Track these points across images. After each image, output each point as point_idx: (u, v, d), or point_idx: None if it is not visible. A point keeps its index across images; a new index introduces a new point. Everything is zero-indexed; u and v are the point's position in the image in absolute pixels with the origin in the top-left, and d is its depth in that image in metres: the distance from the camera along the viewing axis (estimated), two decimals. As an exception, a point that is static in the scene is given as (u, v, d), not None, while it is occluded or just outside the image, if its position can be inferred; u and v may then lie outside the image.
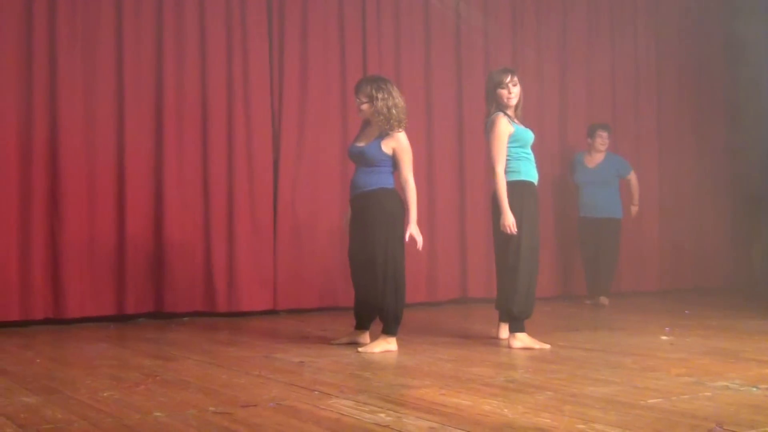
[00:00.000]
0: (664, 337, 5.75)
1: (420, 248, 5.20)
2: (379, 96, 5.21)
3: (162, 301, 7.08)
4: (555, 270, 8.96)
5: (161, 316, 7.10)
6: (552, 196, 8.90)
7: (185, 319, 7.17)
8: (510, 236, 5.30)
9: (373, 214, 5.19)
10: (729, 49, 10.10)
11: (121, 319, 6.96)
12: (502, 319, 5.68)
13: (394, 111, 5.20)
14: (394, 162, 5.26)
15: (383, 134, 5.25)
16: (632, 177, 8.62)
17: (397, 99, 5.24)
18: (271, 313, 7.53)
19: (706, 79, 10.12)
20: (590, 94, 9.37)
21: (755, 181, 9.90)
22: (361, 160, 5.28)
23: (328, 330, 6.33)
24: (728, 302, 8.34)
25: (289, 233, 7.58)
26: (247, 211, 7.42)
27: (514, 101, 5.45)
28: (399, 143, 5.24)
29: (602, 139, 8.50)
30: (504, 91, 5.42)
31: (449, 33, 8.52)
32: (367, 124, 5.43)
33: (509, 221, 5.27)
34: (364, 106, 5.29)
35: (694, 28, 10.06)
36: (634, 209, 8.71)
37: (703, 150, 9.95)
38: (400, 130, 5.25)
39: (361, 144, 5.34)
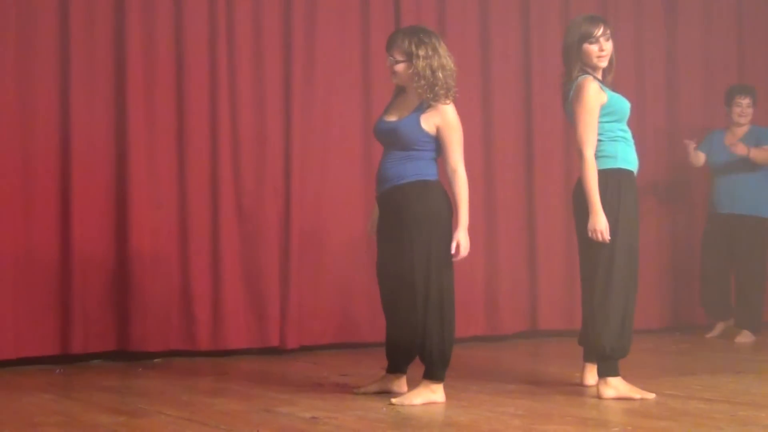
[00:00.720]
0: (812, 383, 5.70)
1: (459, 258, 5.17)
2: (421, 53, 5.16)
3: (125, 336, 7.10)
4: (660, 292, 8.89)
5: (124, 356, 7.12)
6: (652, 191, 8.82)
7: (156, 360, 7.18)
8: (601, 246, 5.26)
9: (410, 216, 5.16)
10: None
11: (69, 360, 6.98)
12: (588, 359, 5.65)
13: (440, 74, 5.15)
14: (437, 144, 5.24)
15: (424, 106, 5.21)
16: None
17: (445, 59, 5.19)
18: (272, 351, 7.53)
19: None
20: (708, 42, 9.26)
21: None
22: (393, 140, 5.25)
23: (350, 374, 6.30)
24: None
25: (295, 244, 7.57)
26: (237, 214, 7.42)
27: (605, 62, 5.41)
28: (445, 119, 5.19)
29: (741, 108, 8.31)
30: (593, 48, 5.38)
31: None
32: (400, 92, 5.41)
33: (601, 225, 5.23)
34: (400, 67, 5.24)
35: None
36: (755, 152, 8.05)
37: None
38: (448, 101, 5.20)
39: (392, 118, 5.31)
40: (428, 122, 5.19)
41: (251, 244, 7.47)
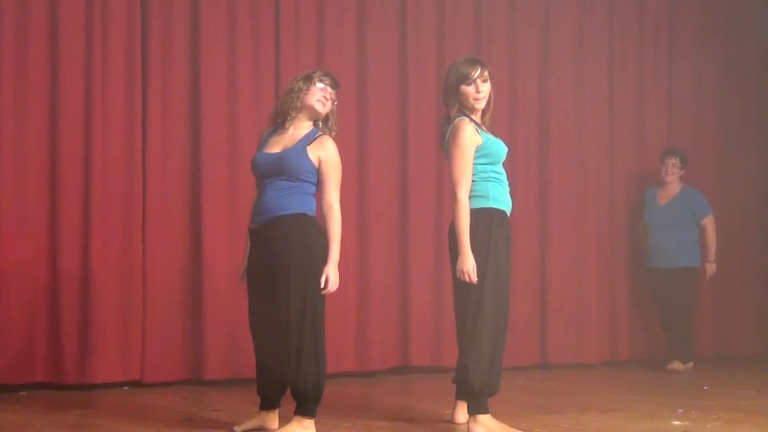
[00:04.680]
0: (676, 422, 5.83)
1: (327, 292, 5.27)
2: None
3: (-13, 368, 6.98)
4: (529, 331, 8.99)
5: (-13, 389, 7.00)
6: (528, 229, 8.95)
7: (21, 393, 7.06)
8: (470, 285, 5.34)
9: (289, 249, 5.23)
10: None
11: (-73, 394, 6.86)
12: (459, 397, 5.72)
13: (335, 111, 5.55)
14: (317, 179, 5.38)
15: (309, 139, 5.38)
16: (708, 223, 9.12)
17: None
18: (141, 386, 7.45)
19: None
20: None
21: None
22: (279, 169, 5.33)
23: (222, 410, 6.28)
24: (760, 375, 8.50)
25: (168, 273, 7.53)
26: (108, 244, 7.35)
27: (481, 104, 5.52)
28: (329, 152, 5.39)
29: (667, 168, 9.08)
30: (470, 89, 5.49)
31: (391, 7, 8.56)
32: (276, 130, 5.49)
33: (468, 266, 5.32)
34: (332, 102, 5.53)
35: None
36: (711, 268, 9.19)
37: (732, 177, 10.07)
38: (333, 134, 5.48)
39: (275, 150, 5.39)
40: (313, 153, 5.36)
41: (122, 274, 7.40)
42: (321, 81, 5.44)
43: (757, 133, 10.03)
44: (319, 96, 5.42)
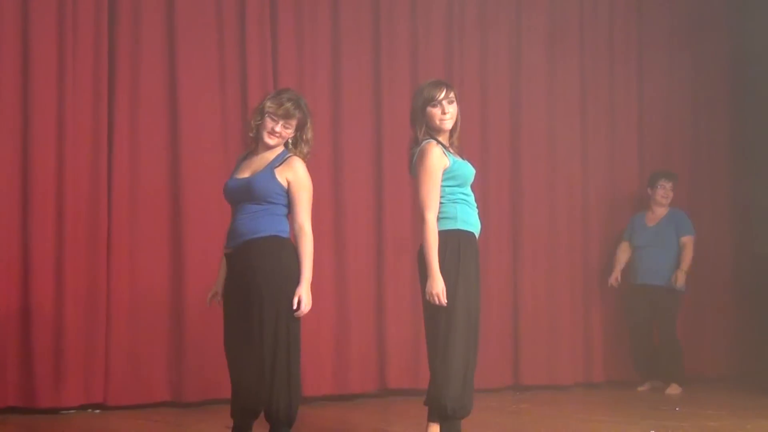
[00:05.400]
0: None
1: (300, 314, 5.25)
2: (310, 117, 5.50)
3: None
4: (502, 353, 9.01)
5: (-41, 413, 6.97)
6: (499, 253, 8.97)
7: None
8: (440, 307, 5.35)
9: (261, 272, 5.24)
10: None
11: None
12: (431, 419, 5.69)
13: (310, 133, 5.50)
14: (288, 200, 5.37)
15: (278, 161, 5.37)
16: (688, 242, 9.22)
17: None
18: (112, 409, 7.43)
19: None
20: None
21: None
22: (247, 194, 5.35)
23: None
24: (730, 397, 8.54)
25: (139, 295, 7.53)
26: (78, 260, 7.35)
27: (448, 124, 5.55)
28: (297, 173, 5.37)
29: (665, 191, 9.26)
30: (436, 110, 5.53)
31: (365, 28, 8.60)
32: (249, 154, 5.52)
33: (437, 288, 5.34)
34: (291, 131, 5.45)
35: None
36: (681, 276, 9.15)
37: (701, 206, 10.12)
38: (302, 155, 5.44)
39: (245, 175, 5.42)
40: (281, 175, 5.35)
41: (94, 299, 7.39)
42: (269, 111, 5.41)
43: (726, 154, 10.10)
44: (270, 128, 5.40)
